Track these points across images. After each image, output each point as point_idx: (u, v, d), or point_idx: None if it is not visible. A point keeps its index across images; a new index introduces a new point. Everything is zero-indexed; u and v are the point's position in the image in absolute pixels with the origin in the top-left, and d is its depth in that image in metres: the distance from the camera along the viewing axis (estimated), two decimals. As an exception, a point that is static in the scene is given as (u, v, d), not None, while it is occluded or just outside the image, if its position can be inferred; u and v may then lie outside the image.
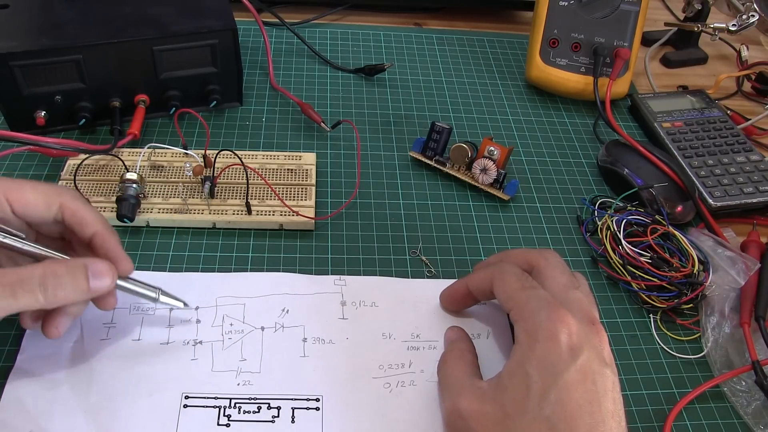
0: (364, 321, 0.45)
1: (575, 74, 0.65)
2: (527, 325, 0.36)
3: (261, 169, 0.53)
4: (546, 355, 0.35)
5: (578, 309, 0.37)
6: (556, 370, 0.34)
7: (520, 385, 0.34)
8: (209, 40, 0.55)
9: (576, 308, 0.37)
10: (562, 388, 0.33)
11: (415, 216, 0.53)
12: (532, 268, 0.41)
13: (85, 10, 0.55)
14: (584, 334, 0.35)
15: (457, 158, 0.55)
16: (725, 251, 0.49)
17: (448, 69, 0.69)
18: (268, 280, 0.46)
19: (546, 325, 0.35)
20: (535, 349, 0.35)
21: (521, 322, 0.37)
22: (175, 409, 0.39)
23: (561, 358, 0.34)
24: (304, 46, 0.69)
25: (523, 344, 0.36)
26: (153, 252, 0.48)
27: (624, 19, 0.64)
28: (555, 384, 0.34)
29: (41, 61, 0.51)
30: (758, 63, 0.73)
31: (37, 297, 0.34)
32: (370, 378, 0.42)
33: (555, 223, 0.54)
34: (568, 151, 0.61)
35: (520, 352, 0.36)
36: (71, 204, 0.38)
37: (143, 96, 0.56)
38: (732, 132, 0.61)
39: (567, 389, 0.33)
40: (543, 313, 0.36)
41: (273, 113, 0.61)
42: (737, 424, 0.43)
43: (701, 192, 0.56)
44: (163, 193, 0.50)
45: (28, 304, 0.34)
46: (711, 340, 0.46)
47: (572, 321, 0.35)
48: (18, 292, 0.33)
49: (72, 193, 0.39)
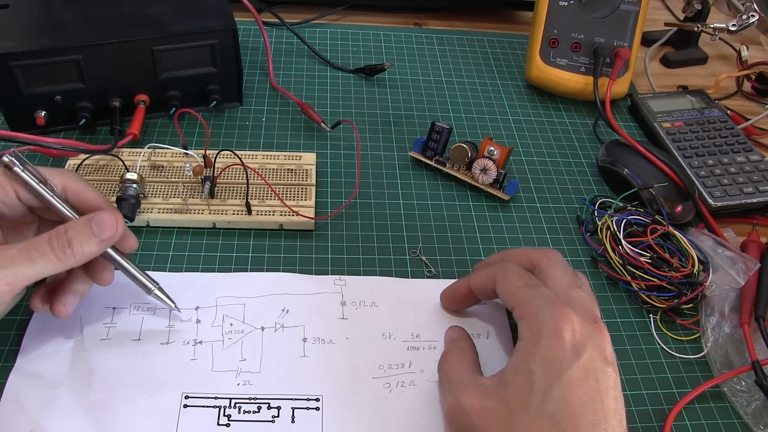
0: (364, 321, 0.45)
1: (575, 74, 0.65)
2: (531, 322, 0.36)
3: (261, 169, 0.53)
4: (550, 352, 0.35)
5: (581, 307, 0.37)
6: (559, 367, 0.34)
7: (523, 381, 0.34)
8: (209, 40, 0.55)
9: (579, 306, 0.37)
10: (566, 385, 0.34)
11: (415, 216, 0.53)
12: (534, 267, 0.41)
13: (85, 10, 0.55)
14: (587, 332, 0.35)
15: (457, 158, 0.55)
16: (725, 251, 0.49)
17: (448, 69, 0.70)
18: (268, 280, 0.46)
19: (550, 322, 0.35)
20: (539, 346, 0.35)
21: (525, 319, 0.37)
22: (175, 409, 0.39)
23: (564, 356, 0.34)
24: (304, 46, 0.69)
25: (527, 341, 0.36)
26: (153, 252, 0.48)
27: (624, 19, 0.64)
28: (558, 381, 0.34)
29: (41, 61, 0.51)
30: (758, 63, 0.73)
31: (50, 257, 0.35)
32: (370, 378, 0.42)
33: (555, 223, 0.54)
34: (568, 151, 0.61)
35: (524, 348, 0.36)
36: (74, 185, 0.39)
37: (143, 96, 0.56)
38: (732, 132, 0.61)
39: (570, 386, 0.34)
40: (547, 311, 0.36)
41: (273, 113, 0.61)
42: (737, 424, 0.43)
43: (701, 192, 0.56)
44: (163, 193, 0.50)
45: (45, 268, 0.35)
46: (711, 340, 0.46)
47: (575, 319, 0.35)
48: (34, 255, 0.35)
49: (73, 174, 0.40)
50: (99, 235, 0.37)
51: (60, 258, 0.35)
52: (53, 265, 0.35)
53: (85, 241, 0.36)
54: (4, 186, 0.37)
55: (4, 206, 0.38)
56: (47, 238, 0.35)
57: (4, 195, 0.37)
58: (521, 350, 0.36)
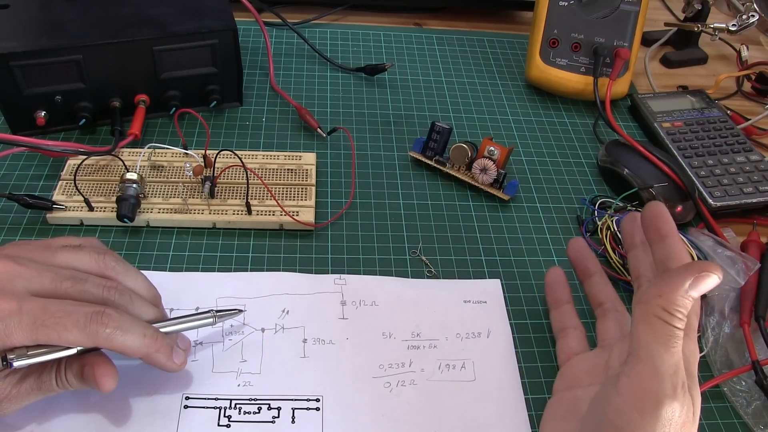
0: (365, 321, 0.45)
1: (575, 74, 0.65)
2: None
3: (261, 169, 0.53)
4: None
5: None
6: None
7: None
8: (209, 40, 0.55)
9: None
10: None
11: (415, 216, 0.53)
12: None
13: (85, 10, 0.55)
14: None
15: (457, 158, 0.55)
16: (725, 251, 0.49)
17: (448, 69, 0.69)
18: (268, 280, 0.46)
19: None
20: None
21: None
22: (175, 410, 0.39)
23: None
24: (304, 46, 0.69)
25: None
26: (153, 252, 0.48)
27: (624, 19, 0.64)
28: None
29: (41, 61, 0.51)
30: (758, 63, 0.73)
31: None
32: (371, 378, 0.42)
33: (555, 223, 0.54)
34: (568, 151, 0.61)
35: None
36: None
37: (143, 96, 0.56)
38: (732, 132, 0.61)
39: None
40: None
41: (273, 113, 0.61)
42: (737, 424, 0.43)
43: (701, 192, 0.56)
44: (163, 193, 0.50)
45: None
46: (711, 340, 0.46)
47: None
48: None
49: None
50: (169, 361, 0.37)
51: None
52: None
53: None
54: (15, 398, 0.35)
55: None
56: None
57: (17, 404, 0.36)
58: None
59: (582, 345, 0.42)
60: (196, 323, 0.40)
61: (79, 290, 0.35)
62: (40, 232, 0.48)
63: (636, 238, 0.42)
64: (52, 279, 0.35)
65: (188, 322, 0.39)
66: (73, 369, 0.36)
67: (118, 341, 0.34)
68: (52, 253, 0.37)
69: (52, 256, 0.37)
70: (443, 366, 0.43)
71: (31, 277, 0.34)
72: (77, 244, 0.38)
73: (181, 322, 0.39)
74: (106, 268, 0.38)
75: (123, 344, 0.35)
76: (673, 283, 0.33)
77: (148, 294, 0.39)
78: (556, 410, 0.39)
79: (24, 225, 0.49)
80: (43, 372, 0.35)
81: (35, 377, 0.35)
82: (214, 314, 0.40)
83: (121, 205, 0.48)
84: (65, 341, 0.34)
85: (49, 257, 0.37)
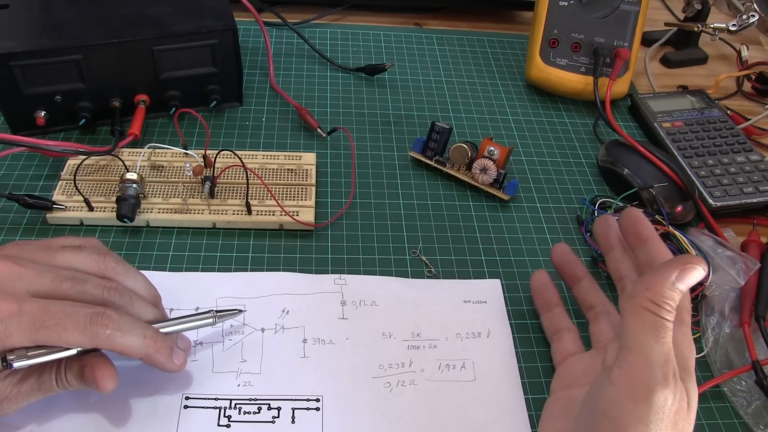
0: (365, 320, 0.45)
1: (575, 74, 0.65)
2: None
3: (261, 169, 0.53)
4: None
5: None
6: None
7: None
8: (209, 40, 0.55)
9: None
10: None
11: (415, 216, 0.53)
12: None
13: (85, 10, 0.55)
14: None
15: (457, 158, 0.55)
16: (725, 251, 0.49)
17: (448, 69, 0.69)
18: (268, 279, 0.46)
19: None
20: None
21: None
22: (175, 410, 0.39)
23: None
24: (304, 46, 0.69)
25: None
26: (153, 252, 0.48)
27: (624, 19, 0.64)
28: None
29: (41, 61, 0.51)
30: (758, 63, 0.73)
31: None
32: (371, 378, 0.42)
33: (555, 223, 0.54)
34: (568, 151, 0.61)
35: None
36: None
37: (143, 96, 0.56)
38: (732, 132, 0.61)
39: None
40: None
41: (273, 113, 0.61)
42: (737, 424, 0.43)
43: (701, 192, 0.56)
44: (163, 193, 0.50)
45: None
46: (711, 340, 0.46)
47: None
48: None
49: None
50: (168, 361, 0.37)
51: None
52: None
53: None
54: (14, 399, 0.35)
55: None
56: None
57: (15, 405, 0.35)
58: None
59: (577, 346, 0.43)
60: (196, 323, 0.40)
61: (79, 291, 0.35)
62: (40, 232, 0.48)
63: (612, 240, 0.42)
64: (52, 280, 0.35)
65: (188, 322, 0.39)
66: (73, 369, 0.36)
67: (118, 342, 0.34)
68: (52, 254, 0.37)
69: (52, 257, 0.37)
70: (443, 366, 0.43)
71: (31, 278, 0.34)
72: (77, 245, 0.38)
73: (181, 322, 0.39)
74: (106, 268, 0.38)
75: (123, 345, 0.35)
76: (660, 276, 0.34)
77: (148, 294, 0.39)
78: (554, 409, 0.39)
79: (24, 225, 0.49)
80: (43, 372, 0.35)
81: (35, 378, 0.35)
82: (214, 314, 0.40)
83: (121, 205, 0.48)
84: (65, 342, 0.34)
85: (49, 258, 0.37)
